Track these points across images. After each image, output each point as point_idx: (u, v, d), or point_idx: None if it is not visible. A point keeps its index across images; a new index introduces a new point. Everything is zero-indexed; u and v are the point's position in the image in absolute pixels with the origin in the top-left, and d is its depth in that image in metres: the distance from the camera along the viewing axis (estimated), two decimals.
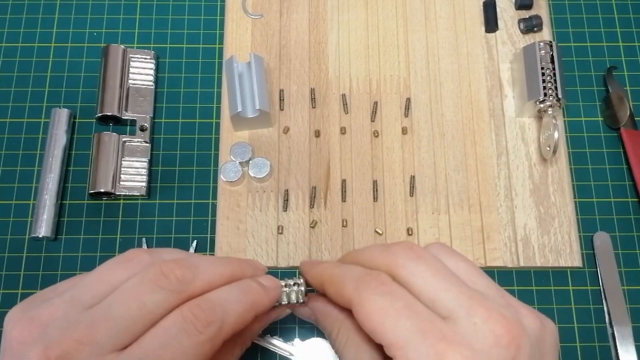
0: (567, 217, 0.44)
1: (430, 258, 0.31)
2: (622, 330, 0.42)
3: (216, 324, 0.29)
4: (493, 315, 0.28)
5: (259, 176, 0.44)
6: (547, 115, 0.44)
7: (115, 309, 0.28)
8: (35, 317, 0.28)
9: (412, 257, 0.31)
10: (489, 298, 0.29)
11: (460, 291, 0.29)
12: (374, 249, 0.33)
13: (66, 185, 0.46)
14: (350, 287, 0.31)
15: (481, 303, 0.28)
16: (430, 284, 0.29)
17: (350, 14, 0.50)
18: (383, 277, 0.30)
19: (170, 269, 0.30)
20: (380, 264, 0.31)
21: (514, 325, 0.28)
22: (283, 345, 0.41)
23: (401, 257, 0.31)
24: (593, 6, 0.52)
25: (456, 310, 0.28)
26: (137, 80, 0.47)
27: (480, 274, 0.31)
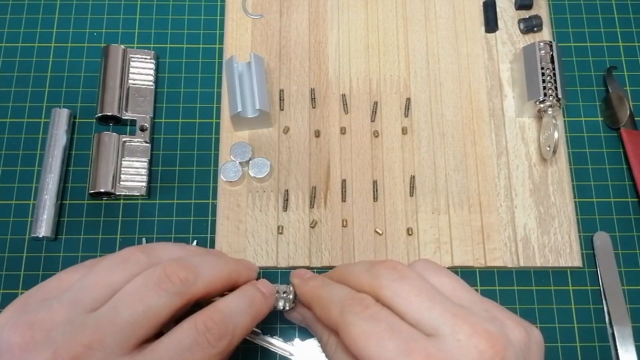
0: (567, 217, 0.44)
1: (414, 277, 0.31)
2: (622, 330, 0.42)
3: (227, 338, 0.30)
4: (477, 330, 0.28)
5: (259, 176, 0.44)
6: (547, 115, 0.44)
7: (121, 312, 0.28)
8: (36, 321, 0.28)
9: (395, 277, 0.31)
10: (473, 313, 0.29)
11: (444, 309, 0.29)
12: (360, 269, 0.33)
13: (66, 185, 0.46)
14: (335, 311, 0.31)
15: (465, 319, 0.28)
16: (413, 304, 0.30)
17: (350, 14, 0.50)
18: (367, 301, 0.31)
19: (174, 271, 0.30)
20: (364, 284, 0.32)
21: (498, 339, 0.28)
22: (283, 345, 0.41)
23: (384, 278, 0.31)
24: (593, 6, 0.52)
25: (440, 328, 0.28)
26: (137, 80, 0.47)
27: (465, 288, 0.31)
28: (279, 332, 0.42)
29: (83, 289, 0.29)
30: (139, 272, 0.30)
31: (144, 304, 0.28)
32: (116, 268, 0.30)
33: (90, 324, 0.28)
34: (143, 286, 0.29)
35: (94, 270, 0.30)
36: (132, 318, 0.28)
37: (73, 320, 0.28)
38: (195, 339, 0.29)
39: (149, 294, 0.29)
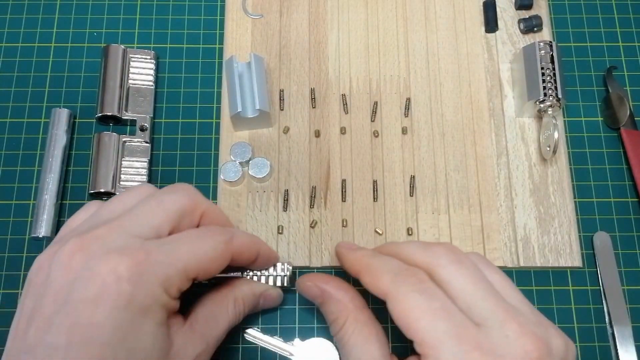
0: (567, 217, 0.44)
1: (470, 264, 0.31)
2: (622, 330, 0.42)
3: (228, 234, 0.34)
4: (525, 331, 0.28)
5: (259, 176, 0.44)
6: (547, 115, 0.44)
7: (137, 209, 0.32)
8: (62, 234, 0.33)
9: (454, 259, 0.31)
10: (522, 314, 0.30)
11: (496, 303, 0.29)
12: (414, 246, 0.33)
13: (66, 185, 0.46)
14: (387, 279, 0.31)
15: (515, 318, 0.29)
16: (468, 290, 0.30)
17: (350, 14, 0.50)
18: (421, 275, 0.31)
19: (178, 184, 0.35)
20: (420, 261, 0.32)
21: (543, 344, 0.28)
22: (283, 345, 0.41)
23: (443, 258, 0.31)
24: (593, 6, 0.52)
25: (490, 321, 0.29)
26: (137, 80, 0.47)
27: (514, 289, 0.32)
28: (279, 332, 0.42)
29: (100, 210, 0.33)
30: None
31: (156, 200, 0.32)
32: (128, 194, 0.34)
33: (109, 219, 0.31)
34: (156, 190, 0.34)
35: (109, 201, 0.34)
36: (145, 209, 0.32)
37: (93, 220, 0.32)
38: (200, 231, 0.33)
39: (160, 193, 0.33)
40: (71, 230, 0.33)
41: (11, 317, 0.40)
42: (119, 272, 0.28)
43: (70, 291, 0.28)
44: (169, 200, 0.32)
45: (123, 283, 0.28)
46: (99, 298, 0.28)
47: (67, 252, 0.29)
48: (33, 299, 0.30)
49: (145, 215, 0.31)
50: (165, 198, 0.32)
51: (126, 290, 0.28)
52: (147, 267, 0.29)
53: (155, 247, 0.30)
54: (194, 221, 0.34)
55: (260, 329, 0.42)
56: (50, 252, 0.30)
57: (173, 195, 0.33)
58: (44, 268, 0.30)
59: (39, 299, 0.29)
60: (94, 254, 0.29)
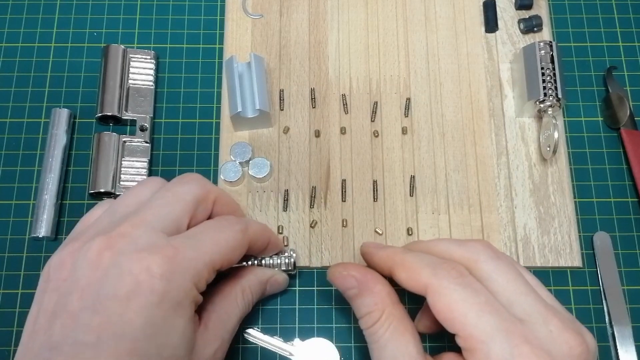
0: (567, 217, 0.44)
1: (509, 261, 0.32)
2: (622, 330, 0.42)
3: (244, 223, 0.34)
4: (567, 327, 0.29)
5: (259, 176, 0.44)
6: (547, 115, 0.44)
7: (154, 201, 0.32)
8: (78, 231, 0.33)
9: (493, 255, 0.32)
10: (559, 311, 0.30)
11: (536, 298, 0.30)
12: (449, 242, 0.33)
13: (66, 185, 0.46)
14: (427, 273, 0.31)
15: (555, 314, 0.29)
16: (510, 285, 0.30)
17: (350, 14, 0.50)
18: (462, 268, 0.31)
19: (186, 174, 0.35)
20: (457, 256, 0.32)
21: (583, 340, 0.29)
22: (283, 345, 0.41)
23: (482, 254, 0.32)
24: (593, 6, 0.52)
25: (534, 316, 0.29)
26: (137, 80, 0.47)
27: (545, 288, 0.32)
28: (279, 332, 0.42)
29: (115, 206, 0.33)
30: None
31: (171, 192, 0.33)
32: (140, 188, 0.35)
33: (129, 216, 0.31)
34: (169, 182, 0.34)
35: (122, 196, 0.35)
36: (163, 202, 0.32)
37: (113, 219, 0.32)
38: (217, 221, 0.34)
39: (173, 184, 0.34)
40: (88, 226, 0.33)
41: (10, 317, 0.40)
42: (151, 270, 0.28)
43: (100, 288, 0.28)
44: (184, 192, 0.33)
45: (156, 280, 0.28)
46: (132, 295, 0.28)
47: (95, 250, 0.29)
48: (55, 295, 0.30)
49: (163, 209, 0.32)
50: (179, 189, 0.33)
51: (159, 287, 0.28)
52: (178, 263, 0.29)
53: (182, 243, 0.30)
54: (207, 209, 0.34)
55: (260, 329, 0.42)
56: (71, 249, 0.30)
57: (186, 186, 0.33)
58: (67, 265, 0.30)
59: (63, 296, 0.29)
60: (124, 252, 0.29)
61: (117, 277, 0.28)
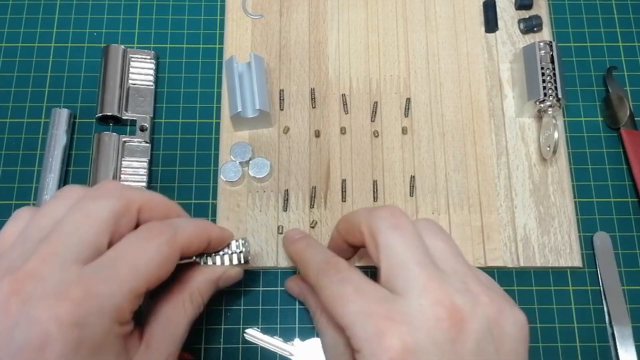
0: (567, 217, 0.44)
1: (408, 230, 0.31)
2: (622, 330, 0.42)
3: (169, 233, 0.31)
4: (442, 299, 0.28)
5: (259, 176, 0.44)
6: (547, 115, 0.44)
7: (65, 226, 0.29)
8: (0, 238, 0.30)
9: (392, 224, 0.31)
10: (447, 281, 0.29)
11: (420, 271, 0.29)
12: (361, 212, 0.34)
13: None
14: (313, 274, 0.33)
15: (436, 286, 0.28)
16: (395, 257, 0.30)
17: (350, 14, 0.50)
18: (340, 265, 0.32)
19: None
20: (363, 227, 0.33)
21: (459, 311, 0.28)
22: (283, 345, 0.41)
23: (382, 222, 0.32)
24: (593, 6, 0.52)
25: (410, 290, 0.29)
26: (137, 80, 0.47)
27: (456, 256, 0.31)
28: (279, 332, 0.42)
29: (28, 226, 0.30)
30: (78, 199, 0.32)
31: (82, 212, 0.30)
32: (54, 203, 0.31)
33: (41, 245, 0.28)
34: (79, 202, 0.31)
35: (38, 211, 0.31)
36: (77, 226, 0.29)
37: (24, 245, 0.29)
38: (140, 235, 0.30)
39: (85, 203, 0.30)
40: (1, 255, 0.30)
41: None
42: (61, 318, 0.26)
43: (12, 339, 0.26)
44: (98, 209, 0.30)
45: (67, 329, 0.26)
46: (45, 346, 0.26)
47: (3, 295, 0.27)
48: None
49: (76, 232, 0.29)
50: (92, 207, 0.30)
51: (72, 337, 0.26)
52: (92, 305, 0.27)
53: (95, 277, 0.28)
54: (132, 221, 0.31)
55: (260, 329, 0.42)
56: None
57: (101, 201, 0.30)
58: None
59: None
60: (31, 297, 0.26)
61: (27, 327, 0.26)
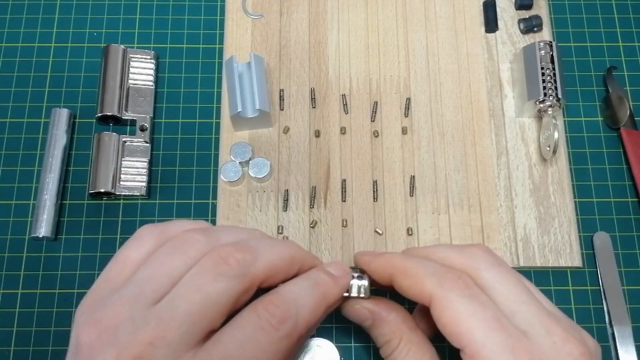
0: (567, 217, 0.44)
1: (509, 267, 0.31)
2: (622, 330, 0.42)
3: (291, 320, 0.28)
4: (569, 336, 0.28)
5: (259, 176, 0.44)
6: (547, 115, 0.44)
7: (180, 304, 0.27)
8: (101, 318, 0.27)
9: (494, 262, 0.31)
10: (561, 318, 0.30)
11: (538, 307, 0.29)
12: (447, 248, 0.32)
13: (66, 185, 0.46)
14: (432, 282, 0.30)
15: (557, 322, 0.29)
16: (512, 294, 0.30)
17: (350, 14, 0.50)
18: (467, 279, 0.30)
19: (229, 253, 0.28)
20: (457, 264, 0.31)
21: (587, 348, 0.29)
22: None
23: (483, 261, 0.31)
24: (593, 6, 0.52)
25: (536, 327, 0.29)
26: (137, 80, 0.47)
27: (544, 295, 0.32)
28: None
29: (144, 280, 0.28)
30: (197, 256, 0.29)
31: (201, 294, 0.27)
32: (175, 254, 0.29)
33: (151, 321, 0.26)
34: (199, 274, 0.28)
35: (153, 258, 0.29)
36: (191, 309, 0.27)
37: (135, 316, 0.27)
38: (258, 324, 0.28)
39: (205, 281, 0.27)
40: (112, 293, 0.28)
41: (10, 317, 0.40)
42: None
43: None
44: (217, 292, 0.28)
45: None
46: None
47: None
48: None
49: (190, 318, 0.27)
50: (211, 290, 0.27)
51: None
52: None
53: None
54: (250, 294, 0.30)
55: None
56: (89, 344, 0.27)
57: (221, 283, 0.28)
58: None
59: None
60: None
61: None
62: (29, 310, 0.42)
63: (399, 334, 0.32)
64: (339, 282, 0.32)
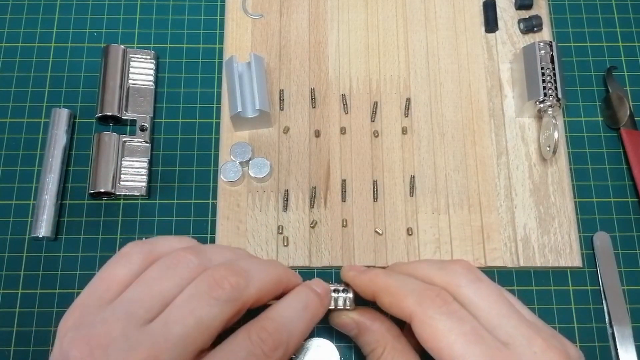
0: (567, 217, 0.44)
1: (490, 282, 0.32)
2: (622, 330, 0.42)
3: (282, 347, 0.29)
4: (550, 346, 0.29)
5: (259, 176, 0.44)
6: (547, 115, 0.44)
7: (173, 327, 0.27)
8: (93, 336, 0.27)
9: (474, 278, 0.31)
10: (541, 328, 0.30)
11: (519, 319, 0.30)
12: (428, 265, 0.33)
13: (66, 185, 0.46)
14: (411, 300, 0.31)
15: (538, 333, 0.29)
16: (493, 309, 0.30)
17: (350, 14, 0.50)
18: (446, 295, 0.31)
19: (223, 277, 0.29)
20: (438, 281, 0.32)
21: (566, 356, 0.29)
22: None
23: (463, 277, 0.31)
24: (593, 6, 0.52)
25: (517, 339, 0.29)
26: (137, 80, 0.47)
27: (526, 307, 0.32)
28: None
29: (136, 300, 0.28)
30: (189, 277, 0.29)
31: (194, 316, 0.28)
32: (166, 274, 0.29)
33: (144, 341, 0.27)
34: (193, 297, 0.28)
35: (146, 278, 0.29)
36: (185, 332, 0.27)
37: (128, 335, 0.27)
38: (250, 351, 0.28)
39: (199, 304, 0.28)
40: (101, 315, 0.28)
41: (10, 317, 0.40)
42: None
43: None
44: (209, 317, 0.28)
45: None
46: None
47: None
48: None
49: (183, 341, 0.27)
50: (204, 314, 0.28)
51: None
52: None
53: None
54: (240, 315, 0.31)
55: None
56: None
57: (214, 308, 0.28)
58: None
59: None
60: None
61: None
62: (29, 310, 0.42)
63: (383, 342, 0.33)
64: (324, 301, 0.33)
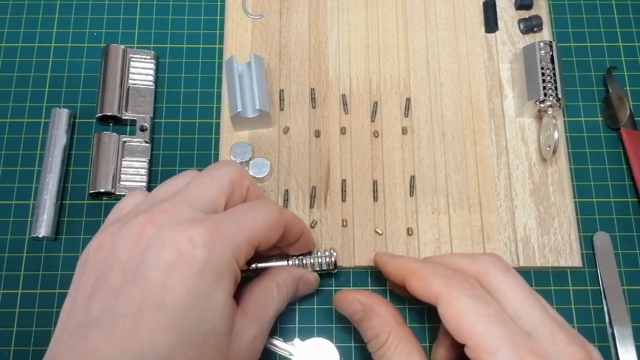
0: (567, 217, 0.44)
1: (517, 274, 0.33)
2: (622, 330, 0.42)
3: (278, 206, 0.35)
4: (572, 340, 0.30)
5: (259, 176, 0.44)
6: (547, 115, 0.44)
7: (193, 184, 0.32)
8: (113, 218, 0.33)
9: (502, 268, 0.33)
10: (565, 325, 0.31)
11: (543, 312, 0.31)
12: (460, 256, 0.35)
13: (66, 185, 0.46)
14: (438, 282, 0.32)
15: (560, 327, 0.30)
16: (518, 298, 0.31)
17: (350, 14, 0.50)
18: (472, 280, 0.32)
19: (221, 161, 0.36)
20: (467, 269, 0.33)
21: (588, 355, 0.30)
22: (283, 345, 0.41)
23: (491, 266, 0.33)
24: (593, 6, 0.52)
25: (540, 329, 0.30)
26: (137, 80, 0.47)
27: (550, 306, 0.33)
28: (279, 332, 0.42)
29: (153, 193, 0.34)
30: None
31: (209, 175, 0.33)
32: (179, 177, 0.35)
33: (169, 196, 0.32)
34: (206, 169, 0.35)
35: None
36: (202, 184, 0.32)
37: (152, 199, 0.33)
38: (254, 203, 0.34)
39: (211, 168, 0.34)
40: (125, 213, 0.33)
41: (10, 317, 0.40)
42: (194, 239, 0.29)
43: (141, 260, 0.28)
44: (220, 174, 0.33)
45: (198, 249, 0.29)
46: (174, 264, 0.28)
47: (137, 226, 0.29)
48: (95, 274, 0.30)
49: (202, 190, 0.32)
50: (215, 172, 0.33)
51: (201, 256, 0.28)
52: (219, 234, 0.30)
53: (222, 218, 0.31)
54: (242, 194, 0.34)
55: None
56: (111, 230, 0.30)
57: (223, 169, 0.34)
58: (106, 244, 0.30)
59: (103, 273, 0.29)
60: (166, 225, 0.29)
61: (159, 248, 0.29)
62: (29, 310, 0.42)
63: (388, 328, 0.34)
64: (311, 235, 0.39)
